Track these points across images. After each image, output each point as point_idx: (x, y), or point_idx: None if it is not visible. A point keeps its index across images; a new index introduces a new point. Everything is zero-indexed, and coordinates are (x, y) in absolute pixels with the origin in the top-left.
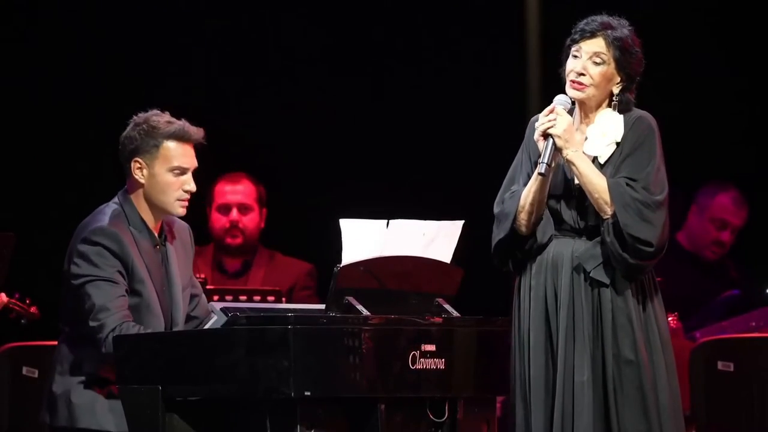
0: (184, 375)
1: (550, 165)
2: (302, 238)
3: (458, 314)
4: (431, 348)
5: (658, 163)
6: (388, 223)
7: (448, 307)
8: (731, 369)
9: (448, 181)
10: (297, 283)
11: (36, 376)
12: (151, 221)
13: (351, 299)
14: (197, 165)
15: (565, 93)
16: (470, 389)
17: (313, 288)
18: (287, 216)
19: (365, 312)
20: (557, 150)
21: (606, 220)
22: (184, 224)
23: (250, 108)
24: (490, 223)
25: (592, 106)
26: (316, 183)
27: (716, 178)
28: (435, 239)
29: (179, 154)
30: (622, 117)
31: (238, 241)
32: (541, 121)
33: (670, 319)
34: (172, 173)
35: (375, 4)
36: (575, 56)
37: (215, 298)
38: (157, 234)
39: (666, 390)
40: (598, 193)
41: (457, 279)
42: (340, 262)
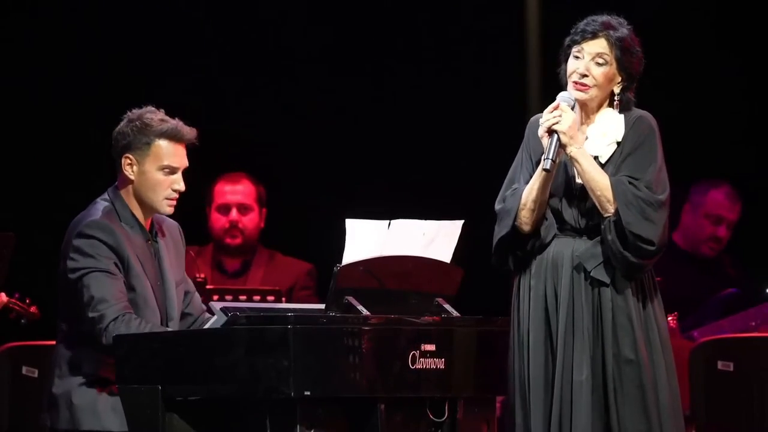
0: (184, 375)
1: (555, 161)
2: (302, 238)
3: (458, 314)
4: (431, 348)
5: (659, 163)
6: (389, 224)
7: (447, 306)
8: (731, 369)
9: (448, 181)
10: (297, 283)
11: (36, 375)
12: (141, 218)
13: (351, 299)
14: (188, 165)
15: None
16: (470, 389)
17: (312, 288)
18: (287, 216)
19: (365, 312)
20: (561, 147)
21: (607, 218)
22: (173, 222)
23: (250, 108)
24: (490, 223)
25: (593, 106)
26: (316, 183)
27: (711, 177)
28: (435, 239)
29: (170, 153)
30: (622, 117)
31: (238, 241)
32: (546, 117)
33: (669, 318)
34: (162, 172)
35: (375, 4)
36: (577, 57)
37: (215, 297)
38: (148, 230)
39: (666, 389)
40: (600, 190)
41: (457, 279)
42: (340, 261)
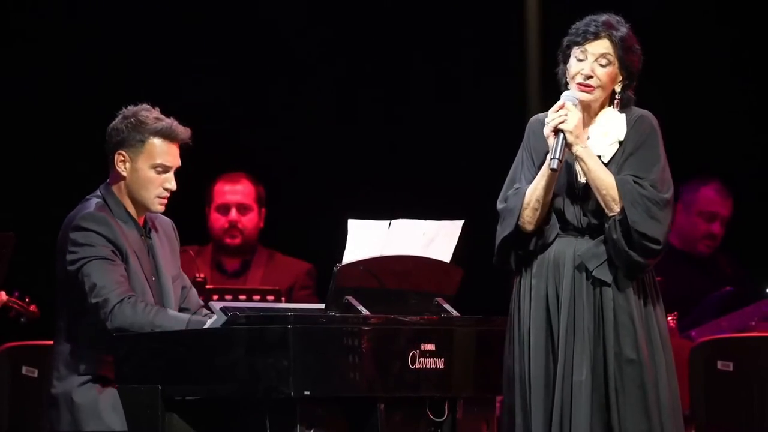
0: (183, 374)
1: (561, 160)
2: (302, 238)
3: (458, 314)
4: (431, 347)
5: (663, 162)
6: (390, 224)
7: (447, 306)
8: (731, 368)
9: (448, 181)
10: (296, 283)
11: (36, 375)
12: (135, 214)
13: (350, 299)
14: (180, 165)
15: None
16: (470, 389)
17: (312, 287)
18: (287, 216)
19: (365, 311)
20: (567, 146)
21: (612, 217)
22: (166, 219)
23: (250, 108)
24: (490, 222)
25: (595, 106)
26: (316, 183)
27: (705, 175)
28: (435, 239)
29: (164, 152)
30: (624, 116)
31: (237, 241)
32: (551, 117)
33: (669, 318)
34: (155, 170)
35: (375, 4)
36: (580, 59)
37: (214, 297)
38: (141, 225)
39: (666, 389)
40: (606, 189)
41: (457, 278)
42: (340, 261)
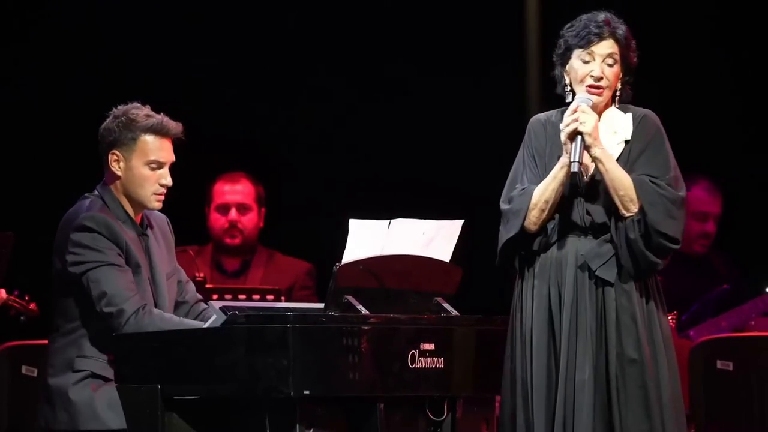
0: (183, 374)
1: (581, 163)
2: (302, 238)
3: (457, 313)
4: (430, 347)
5: (674, 161)
6: (389, 223)
7: (447, 306)
8: (730, 368)
9: (448, 181)
10: (296, 283)
11: (35, 375)
12: (132, 212)
13: (350, 298)
14: (174, 160)
15: (564, 95)
16: (469, 388)
17: (312, 287)
18: (287, 216)
19: (364, 311)
20: (585, 148)
21: (630, 217)
22: (161, 215)
23: (250, 108)
24: (489, 222)
25: (601, 107)
26: (316, 183)
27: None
28: (434, 238)
29: (156, 148)
30: (630, 115)
31: (237, 240)
32: (567, 121)
33: (669, 318)
34: (149, 167)
35: (375, 4)
36: (586, 61)
37: (214, 297)
38: (138, 224)
39: (668, 388)
40: (624, 190)
41: (457, 278)
42: (340, 261)
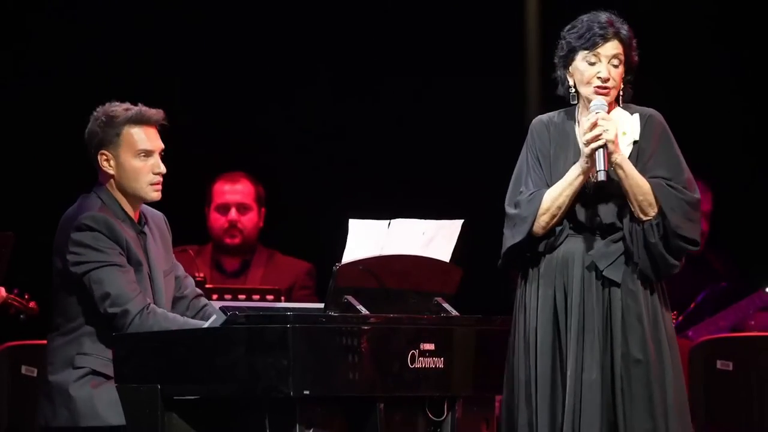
0: (183, 374)
1: (605, 170)
2: (302, 238)
3: (457, 313)
4: (430, 347)
5: (684, 162)
6: (389, 223)
7: (447, 306)
8: (730, 368)
9: (448, 181)
10: (296, 283)
11: (35, 375)
12: (130, 210)
13: (350, 298)
14: (163, 147)
15: (562, 96)
16: (469, 388)
17: (312, 287)
18: (287, 216)
19: (364, 311)
20: (608, 155)
21: (648, 221)
22: (159, 213)
23: (250, 108)
24: (489, 222)
25: (608, 108)
26: (316, 183)
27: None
28: (434, 238)
29: (142, 138)
30: (637, 115)
31: (237, 240)
32: (591, 131)
33: None
34: (139, 158)
35: (375, 5)
36: (592, 62)
37: (214, 297)
38: (137, 221)
39: (672, 388)
40: (643, 195)
41: (457, 278)
42: (340, 261)
